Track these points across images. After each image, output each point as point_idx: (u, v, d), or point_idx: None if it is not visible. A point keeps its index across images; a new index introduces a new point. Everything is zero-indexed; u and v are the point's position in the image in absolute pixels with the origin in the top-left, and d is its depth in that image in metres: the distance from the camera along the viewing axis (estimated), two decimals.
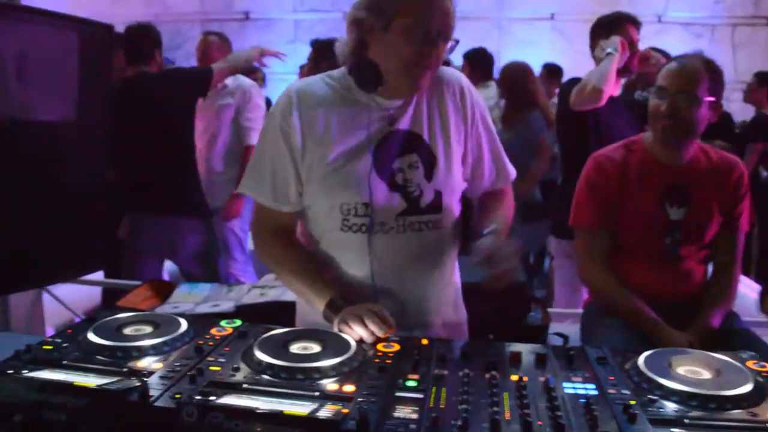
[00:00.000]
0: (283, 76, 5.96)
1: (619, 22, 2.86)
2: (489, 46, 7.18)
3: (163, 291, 2.12)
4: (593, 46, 2.91)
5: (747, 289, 2.46)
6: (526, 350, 1.24)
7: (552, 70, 5.55)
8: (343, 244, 1.46)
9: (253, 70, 5.21)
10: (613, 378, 1.14)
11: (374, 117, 1.42)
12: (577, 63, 6.05)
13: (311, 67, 3.00)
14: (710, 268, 2.06)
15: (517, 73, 3.97)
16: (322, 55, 2.92)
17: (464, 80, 1.52)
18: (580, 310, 2.21)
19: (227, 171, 3.54)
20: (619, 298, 1.92)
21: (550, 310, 2.30)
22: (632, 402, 1.03)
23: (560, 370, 1.17)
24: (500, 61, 4.98)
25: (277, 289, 1.98)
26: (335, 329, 1.33)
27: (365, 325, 1.27)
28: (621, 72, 2.78)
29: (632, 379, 1.14)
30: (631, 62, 2.80)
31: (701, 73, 1.84)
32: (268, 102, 4.06)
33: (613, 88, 2.78)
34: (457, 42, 1.40)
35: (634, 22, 2.87)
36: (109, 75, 1.98)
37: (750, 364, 1.21)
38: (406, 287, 1.49)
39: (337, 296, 1.39)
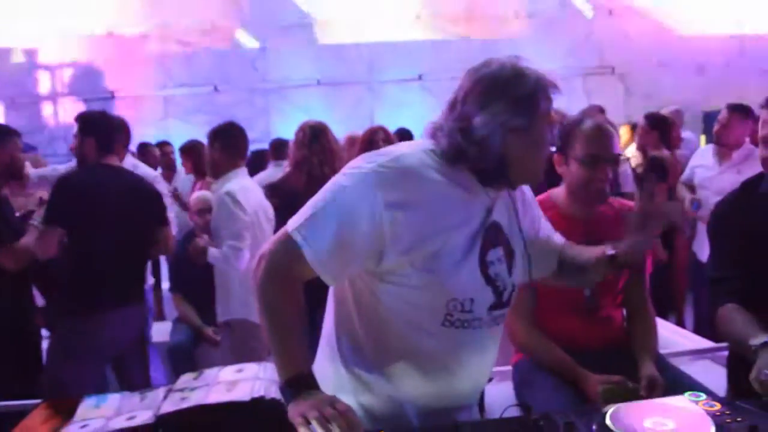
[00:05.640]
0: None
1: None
2: (364, 108, 7.40)
3: (65, 408, 1.87)
4: None
5: None
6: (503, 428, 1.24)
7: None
8: (430, 337, 1.35)
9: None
10: None
11: (479, 208, 1.36)
12: None
13: (80, 141, 2.85)
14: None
15: None
16: (87, 128, 2.83)
17: None
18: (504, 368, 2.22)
19: None
20: (545, 354, 1.95)
21: None
22: None
23: None
24: (375, 122, 5.07)
25: (198, 392, 1.79)
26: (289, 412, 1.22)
27: (328, 427, 1.16)
28: None
29: None
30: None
31: (614, 132, 1.92)
32: None
33: None
34: None
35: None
36: None
37: (701, 405, 1.26)
38: (470, 376, 1.44)
39: (306, 374, 1.27)
